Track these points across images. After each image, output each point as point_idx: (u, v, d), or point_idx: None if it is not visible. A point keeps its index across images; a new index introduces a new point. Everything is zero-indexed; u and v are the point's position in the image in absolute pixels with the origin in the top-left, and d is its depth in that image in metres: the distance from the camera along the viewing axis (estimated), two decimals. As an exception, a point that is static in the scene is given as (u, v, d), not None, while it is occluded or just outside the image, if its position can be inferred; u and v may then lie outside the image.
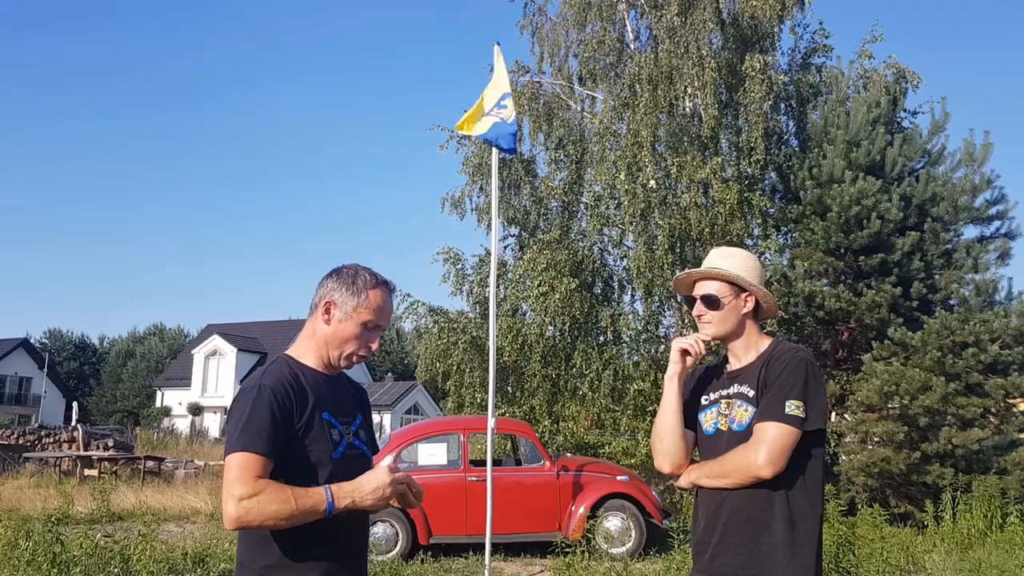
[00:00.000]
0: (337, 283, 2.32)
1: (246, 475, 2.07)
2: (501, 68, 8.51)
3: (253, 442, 2.10)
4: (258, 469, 2.09)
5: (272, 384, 2.19)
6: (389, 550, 9.12)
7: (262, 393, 2.17)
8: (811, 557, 2.41)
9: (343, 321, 2.30)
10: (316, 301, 2.34)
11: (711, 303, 2.59)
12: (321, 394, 2.28)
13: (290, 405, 2.18)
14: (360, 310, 2.30)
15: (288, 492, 2.07)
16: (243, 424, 2.13)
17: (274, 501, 2.05)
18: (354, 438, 2.34)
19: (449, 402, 14.42)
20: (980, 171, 12.70)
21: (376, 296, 2.32)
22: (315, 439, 2.21)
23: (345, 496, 2.13)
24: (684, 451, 2.58)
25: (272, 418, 2.14)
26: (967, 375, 11.37)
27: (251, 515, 2.05)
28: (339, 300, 2.30)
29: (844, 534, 7.59)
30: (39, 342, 63.97)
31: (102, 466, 17.92)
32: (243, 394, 2.21)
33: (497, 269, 9.24)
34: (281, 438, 2.15)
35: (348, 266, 2.38)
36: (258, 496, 2.05)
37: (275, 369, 2.27)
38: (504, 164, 14.67)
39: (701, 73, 13.26)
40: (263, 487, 2.06)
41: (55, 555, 6.88)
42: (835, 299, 11.99)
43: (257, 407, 2.14)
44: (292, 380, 2.23)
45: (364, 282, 2.32)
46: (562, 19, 15.47)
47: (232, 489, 2.06)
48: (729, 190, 12.99)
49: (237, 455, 2.10)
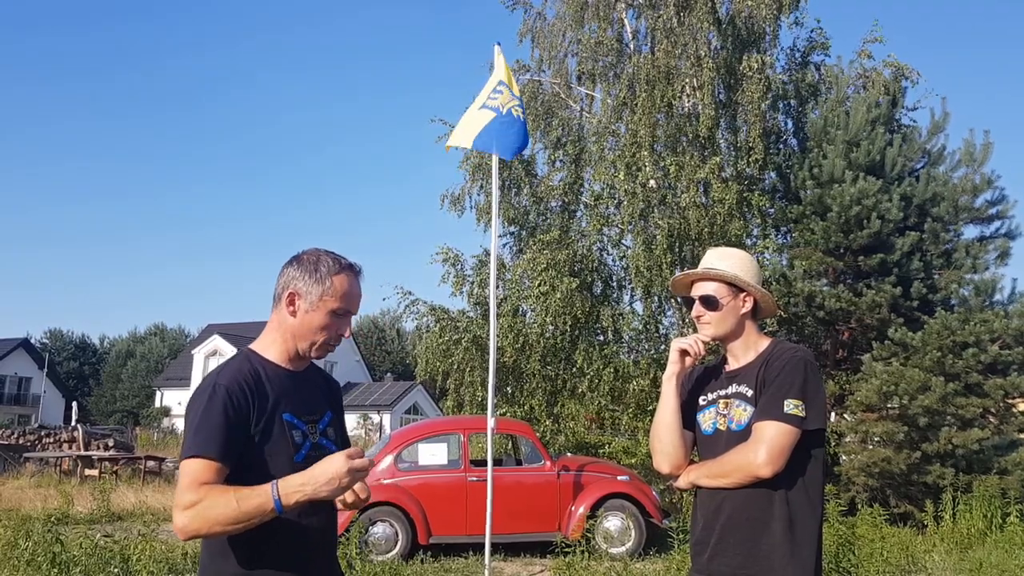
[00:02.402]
0: (299, 271, 2.18)
1: (194, 483, 1.96)
2: (501, 66, 8.44)
3: (206, 446, 1.99)
4: (209, 475, 1.97)
5: (227, 383, 2.07)
6: (389, 550, 9.11)
7: (216, 393, 2.05)
8: (811, 557, 2.41)
9: (309, 312, 2.16)
10: (279, 292, 2.20)
11: (710, 304, 2.59)
12: (283, 392, 2.15)
13: (247, 405, 2.06)
14: (326, 298, 2.16)
15: (230, 494, 1.94)
16: (195, 427, 2.02)
17: (216, 505, 1.93)
18: (321, 437, 2.20)
19: (449, 402, 14.42)
20: (980, 171, 12.71)
21: (341, 281, 2.18)
22: (274, 443, 2.09)
23: (294, 490, 1.94)
24: (683, 451, 2.58)
25: (226, 420, 2.02)
26: (967, 375, 11.36)
27: (196, 523, 1.93)
28: (303, 290, 2.16)
29: (844, 534, 7.59)
30: (39, 342, 63.95)
31: (102, 466, 17.92)
32: (197, 395, 2.08)
33: (497, 269, 9.24)
34: (237, 440, 2.03)
35: (308, 252, 2.23)
36: (200, 502, 1.93)
37: (233, 366, 2.14)
38: (504, 164, 14.66)
39: (699, 73, 13.27)
40: (205, 492, 1.94)
41: (55, 555, 6.87)
42: (835, 299, 11.99)
43: (211, 409, 2.02)
44: (250, 378, 2.11)
45: (328, 268, 2.18)
46: (560, 19, 15.47)
47: (179, 497, 1.96)
48: (728, 190, 12.99)
49: (189, 462, 1.99)
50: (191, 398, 2.11)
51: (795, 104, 14.67)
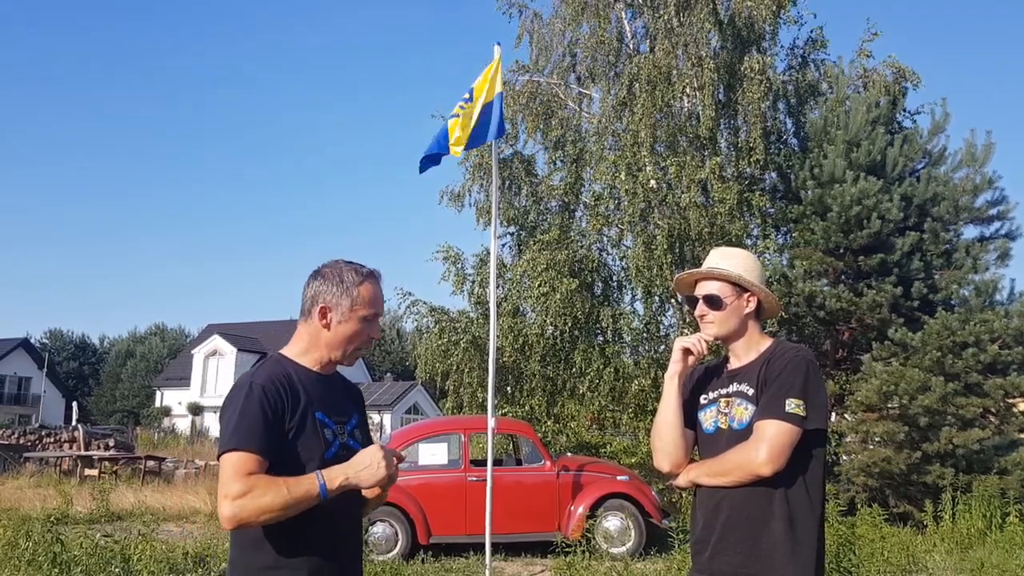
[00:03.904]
0: (326, 285, 2.30)
1: (238, 473, 2.06)
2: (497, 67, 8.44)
3: (246, 440, 2.09)
4: (251, 467, 2.07)
5: (263, 382, 2.17)
6: (389, 550, 9.12)
7: (253, 391, 2.15)
8: (811, 556, 2.41)
9: (342, 323, 2.29)
10: (307, 307, 2.31)
11: (713, 303, 2.59)
12: (315, 393, 2.26)
13: (282, 404, 2.16)
14: (356, 308, 2.29)
15: (280, 482, 2.07)
16: (235, 423, 2.12)
17: (267, 493, 2.04)
18: (348, 438, 2.31)
19: (449, 402, 14.41)
20: (981, 171, 12.70)
21: (367, 290, 2.31)
22: (308, 439, 2.19)
23: (337, 476, 2.12)
24: (683, 450, 2.58)
25: (264, 416, 2.12)
26: (967, 375, 11.36)
27: (246, 511, 2.04)
28: (332, 303, 2.28)
29: (844, 534, 7.60)
30: (39, 342, 63.97)
31: (102, 466, 17.92)
32: (234, 392, 2.19)
33: (497, 269, 9.23)
34: (275, 436, 2.13)
35: (329, 265, 2.35)
36: (251, 492, 2.04)
37: (267, 367, 2.25)
38: (504, 164, 14.66)
39: (699, 73, 13.26)
40: (254, 482, 2.05)
41: (55, 555, 6.88)
42: (835, 299, 11.99)
43: (248, 405, 2.13)
44: (284, 379, 2.22)
45: (352, 279, 2.30)
46: (559, 18, 15.46)
47: (226, 488, 2.06)
48: (728, 190, 12.98)
49: (230, 455, 2.09)
50: (227, 397, 2.22)
51: (795, 103, 14.66)
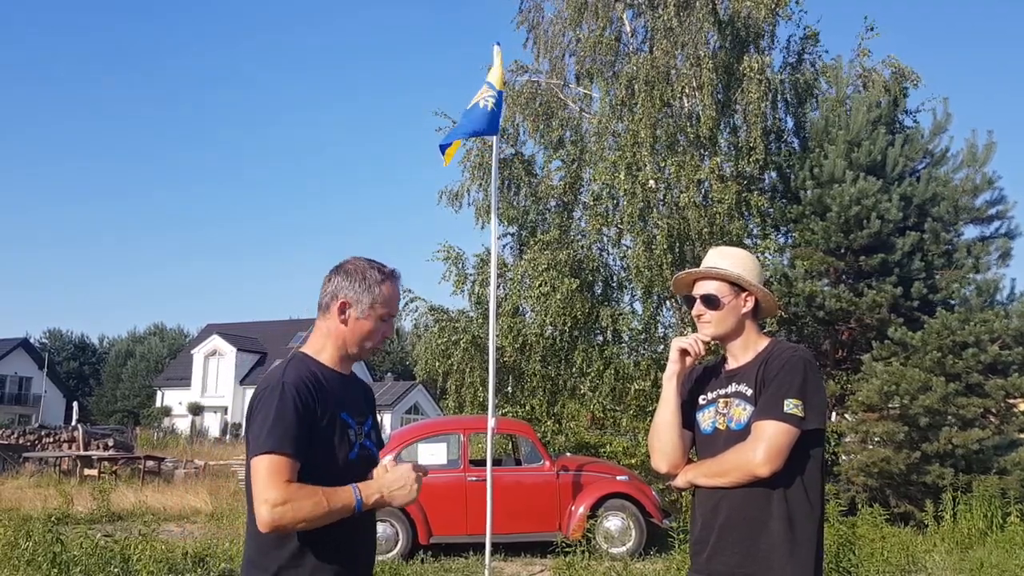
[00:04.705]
0: (347, 281, 2.31)
1: (277, 479, 2.07)
2: (497, 67, 8.45)
3: (281, 443, 2.09)
4: (287, 471, 2.08)
5: (295, 382, 2.17)
6: (389, 550, 9.11)
7: (286, 391, 2.15)
8: (810, 557, 2.40)
9: (360, 319, 2.30)
10: (327, 301, 2.32)
11: (711, 303, 2.58)
12: (339, 393, 2.27)
13: (312, 403, 2.17)
14: (376, 306, 2.31)
15: (320, 493, 2.09)
16: (270, 424, 2.11)
17: (307, 504, 2.06)
18: (365, 439, 2.33)
19: (449, 402, 14.41)
20: (982, 171, 12.69)
21: (388, 289, 2.33)
22: (335, 440, 2.21)
23: (373, 493, 2.16)
24: (681, 450, 2.58)
25: (297, 417, 2.12)
26: (967, 375, 11.36)
27: (286, 519, 2.06)
28: (353, 299, 2.30)
29: (844, 534, 7.58)
30: (39, 342, 64.00)
31: (102, 466, 17.91)
32: (266, 393, 2.18)
33: (497, 269, 9.23)
34: (305, 437, 2.14)
35: (352, 262, 2.36)
36: (292, 501, 2.05)
37: (295, 367, 2.25)
38: (504, 163, 14.66)
39: (699, 73, 13.25)
40: (295, 491, 2.07)
41: (55, 555, 6.87)
42: (835, 299, 11.98)
43: (282, 406, 2.12)
44: (312, 378, 2.22)
45: (374, 278, 2.31)
46: (559, 17, 15.46)
47: (265, 494, 2.06)
48: (728, 190, 12.98)
49: (265, 458, 2.09)
50: (257, 396, 2.21)
51: (793, 100, 14.63)
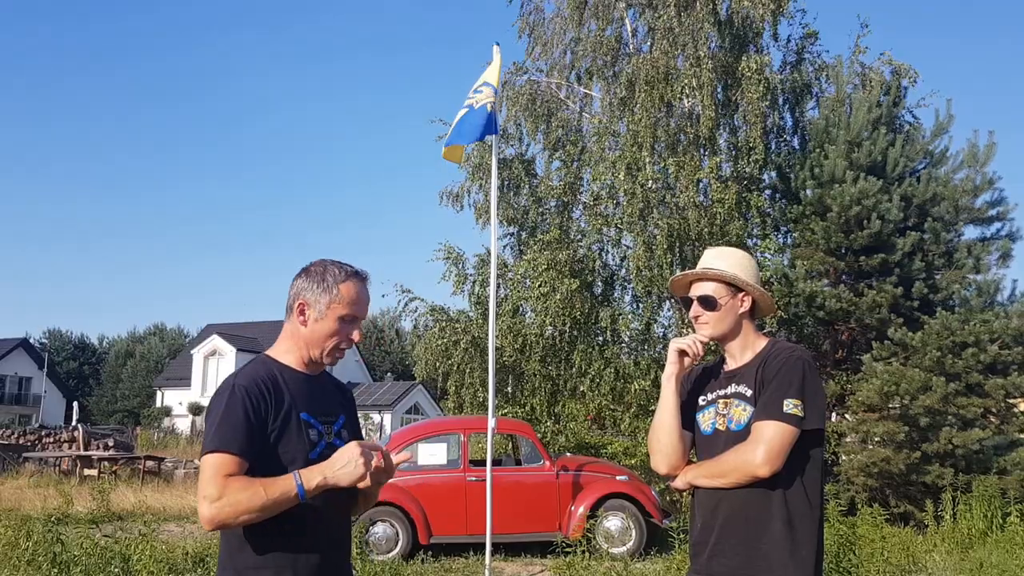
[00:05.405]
0: (307, 282, 2.31)
1: (217, 475, 2.09)
2: (495, 67, 8.45)
3: (226, 442, 2.11)
4: (231, 468, 2.10)
5: (246, 384, 2.19)
6: (389, 550, 9.12)
7: (235, 393, 2.17)
8: (810, 557, 2.40)
9: (319, 320, 2.29)
10: (290, 303, 2.33)
11: (708, 304, 2.58)
12: (300, 394, 2.27)
13: (265, 405, 2.18)
14: (334, 306, 2.29)
15: (256, 483, 2.09)
16: (216, 424, 2.14)
17: (243, 495, 2.07)
18: (335, 438, 2.32)
19: (449, 402, 14.42)
20: (982, 171, 12.69)
21: (348, 289, 2.31)
22: (291, 439, 2.21)
23: (314, 476, 2.13)
24: (681, 451, 2.58)
25: (246, 417, 2.14)
26: (967, 375, 11.36)
27: (224, 513, 2.07)
28: (311, 300, 2.29)
29: (844, 534, 7.58)
30: (39, 342, 63.88)
31: (102, 466, 17.94)
32: (217, 395, 2.22)
33: (497, 269, 9.23)
34: (256, 437, 2.15)
35: (316, 263, 2.36)
36: (227, 495, 2.07)
37: (250, 369, 2.27)
38: (504, 164, 14.66)
39: (699, 73, 13.25)
40: (230, 484, 2.08)
41: (55, 555, 6.87)
42: (835, 299, 11.98)
43: (230, 407, 2.15)
44: (268, 380, 2.23)
45: (334, 277, 2.30)
46: (559, 17, 15.46)
47: (204, 490, 2.09)
48: (728, 190, 12.98)
49: (210, 456, 2.11)
50: (211, 398, 2.25)
51: (791, 98, 14.62)
